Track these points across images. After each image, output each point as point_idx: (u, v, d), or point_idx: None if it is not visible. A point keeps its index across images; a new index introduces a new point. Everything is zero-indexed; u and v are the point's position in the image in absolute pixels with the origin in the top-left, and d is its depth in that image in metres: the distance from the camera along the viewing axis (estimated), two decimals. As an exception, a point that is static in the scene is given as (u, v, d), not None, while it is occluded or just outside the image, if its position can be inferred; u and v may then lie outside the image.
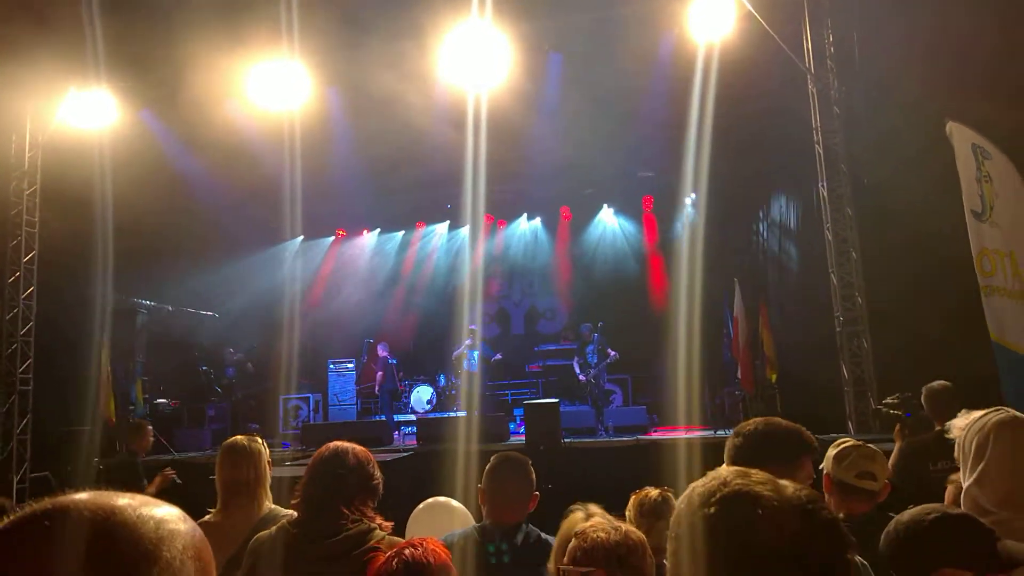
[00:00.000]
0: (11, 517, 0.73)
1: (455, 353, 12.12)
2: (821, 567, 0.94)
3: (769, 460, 1.91)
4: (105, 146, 9.33)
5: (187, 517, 0.81)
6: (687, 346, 9.31)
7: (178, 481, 5.71)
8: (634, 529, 1.86)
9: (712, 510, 0.97)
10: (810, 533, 0.95)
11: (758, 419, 2.30)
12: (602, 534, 1.77)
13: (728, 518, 0.95)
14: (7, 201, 9.86)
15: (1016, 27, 6.95)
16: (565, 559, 1.79)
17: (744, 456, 2.07)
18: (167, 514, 0.78)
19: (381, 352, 13.01)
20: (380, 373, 12.90)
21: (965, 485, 1.91)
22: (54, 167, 10.06)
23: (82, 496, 0.76)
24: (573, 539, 1.81)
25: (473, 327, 12.03)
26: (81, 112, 9.54)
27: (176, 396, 12.61)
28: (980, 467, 1.88)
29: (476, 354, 11.80)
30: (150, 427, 6.83)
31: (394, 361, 13.08)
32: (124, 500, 0.77)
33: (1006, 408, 2.00)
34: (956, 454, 2.09)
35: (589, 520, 1.92)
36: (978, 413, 2.07)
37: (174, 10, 7.51)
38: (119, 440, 10.18)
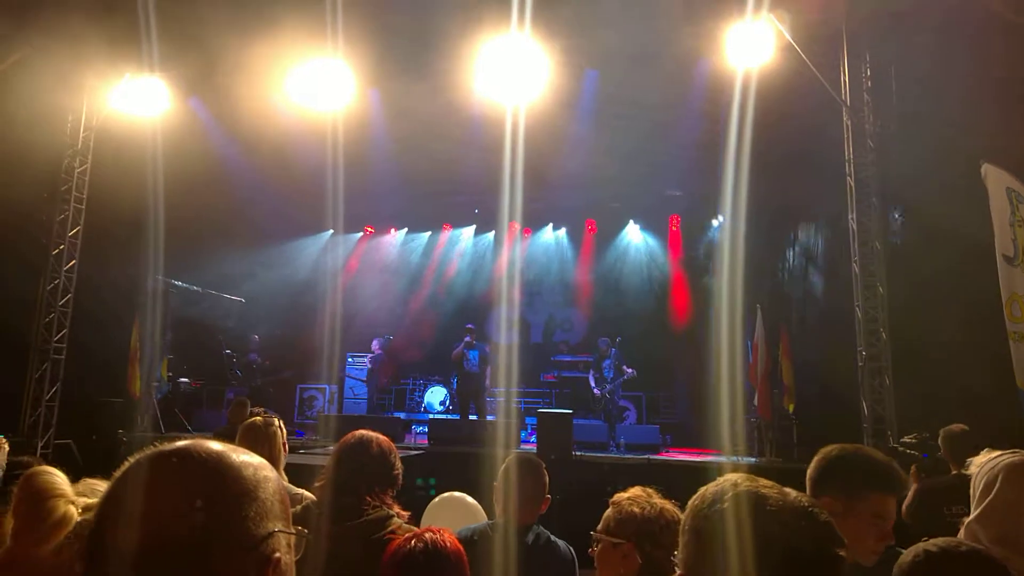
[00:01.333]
0: (140, 454, 0.87)
1: (454, 351, 12.21)
2: (817, 560, 1.06)
3: (828, 487, 2.02)
4: (155, 130, 9.64)
5: (272, 467, 0.94)
6: (706, 369, 9.33)
7: None
8: (671, 508, 1.91)
9: (723, 506, 1.09)
10: (809, 530, 1.07)
11: (842, 445, 2.23)
12: (636, 508, 1.82)
13: (738, 513, 1.07)
14: (58, 177, 10.20)
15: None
16: (600, 526, 1.85)
17: (811, 479, 2.10)
18: (260, 463, 0.91)
19: (375, 347, 13.13)
20: (370, 367, 13.03)
21: (968, 520, 1.97)
22: (105, 148, 10.40)
23: (193, 442, 0.89)
24: (610, 507, 1.86)
25: (470, 326, 12.13)
26: (134, 97, 9.87)
27: (198, 377, 12.85)
28: (984, 504, 1.94)
29: (477, 354, 11.88)
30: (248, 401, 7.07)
31: (379, 355, 13.21)
32: (225, 448, 0.90)
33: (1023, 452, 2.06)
34: (971, 492, 2.14)
35: (629, 491, 1.97)
36: (996, 453, 2.13)
37: (228, 5, 7.74)
38: (140, 414, 10.46)
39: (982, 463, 2.13)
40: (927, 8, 7.74)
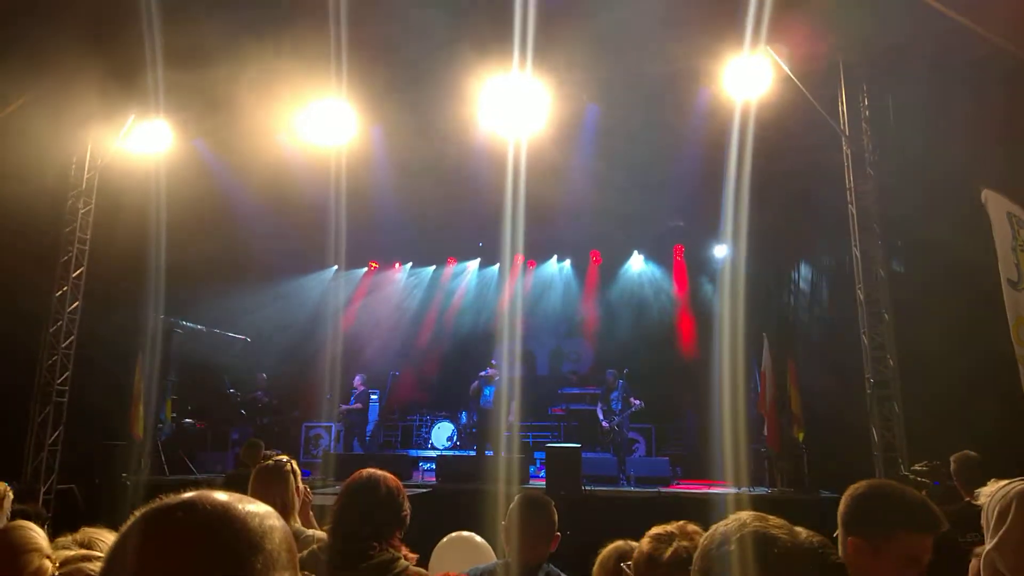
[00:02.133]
0: (145, 509, 0.86)
1: (472, 386, 12.14)
2: None
3: (857, 527, 1.93)
4: (160, 171, 9.75)
5: (279, 515, 0.92)
6: (714, 400, 9.27)
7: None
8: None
9: (731, 547, 1.06)
10: (818, 573, 1.02)
11: (871, 481, 2.10)
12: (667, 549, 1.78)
13: (745, 556, 1.04)
14: (62, 218, 10.28)
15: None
16: (632, 561, 1.82)
17: (841, 519, 2.00)
18: (266, 512, 0.90)
19: (357, 383, 13.02)
20: (355, 403, 12.91)
21: (986, 549, 1.94)
22: (109, 189, 10.49)
23: (197, 494, 0.87)
24: (646, 539, 1.83)
25: (495, 362, 12.07)
26: (139, 138, 10.01)
27: (202, 417, 12.79)
28: (1001, 532, 1.91)
29: (493, 390, 11.80)
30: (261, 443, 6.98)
31: (372, 392, 13.08)
32: (230, 498, 0.88)
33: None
34: (982, 521, 2.11)
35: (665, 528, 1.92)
36: (1005, 481, 2.10)
37: (230, 47, 7.87)
38: (143, 456, 10.37)
39: (992, 492, 2.10)
40: (921, 39, 7.84)
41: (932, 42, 7.74)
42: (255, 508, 0.89)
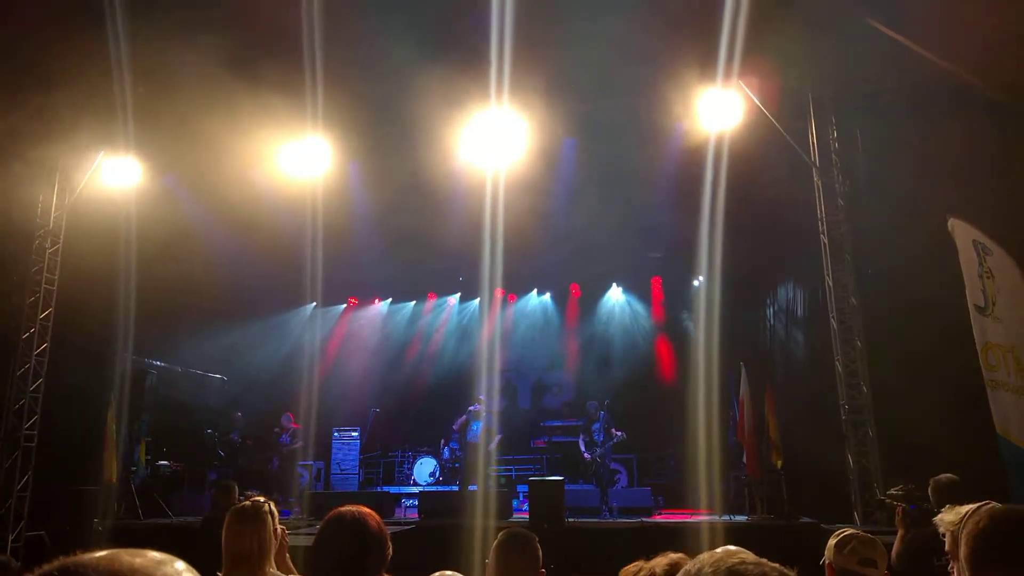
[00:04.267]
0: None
1: (458, 422, 12.05)
2: None
3: (1000, 562, 1.60)
4: (130, 209, 9.64)
5: (176, 562, 0.84)
6: (694, 429, 9.31)
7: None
8: None
9: None
10: None
11: (1010, 506, 1.77)
12: None
13: None
14: (28, 259, 10.09)
15: (1014, 129, 7.26)
16: None
17: (972, 552, 1.64)
18: (157, 563, 0.81)
19: (285, 422, 12.50)
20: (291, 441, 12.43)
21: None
22: (78, 227, 10.30)
23: (101, 555, 0.79)
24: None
25: (482, 396, 12.00)
26: (108, 175, 9.88)
27: (179, 459, 12.52)
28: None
29: (480, 425, 11.71)
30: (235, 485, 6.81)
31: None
32: (140, 560, 0.79)
33: (994, 503, 2.07)
34: (947, 547, 2.14)
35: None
36: (967, 507, 2.14)
37: (203, 83, 7.87)
38: (117, 501, 10.11)
39: (957, 519, 2.12)
40: (889, 73, 8.12)
41: (898, 76, 8.02)
42: (165, 570, 0.80)
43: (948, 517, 2.14)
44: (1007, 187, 7.06)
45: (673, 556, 1.82)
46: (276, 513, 3.09)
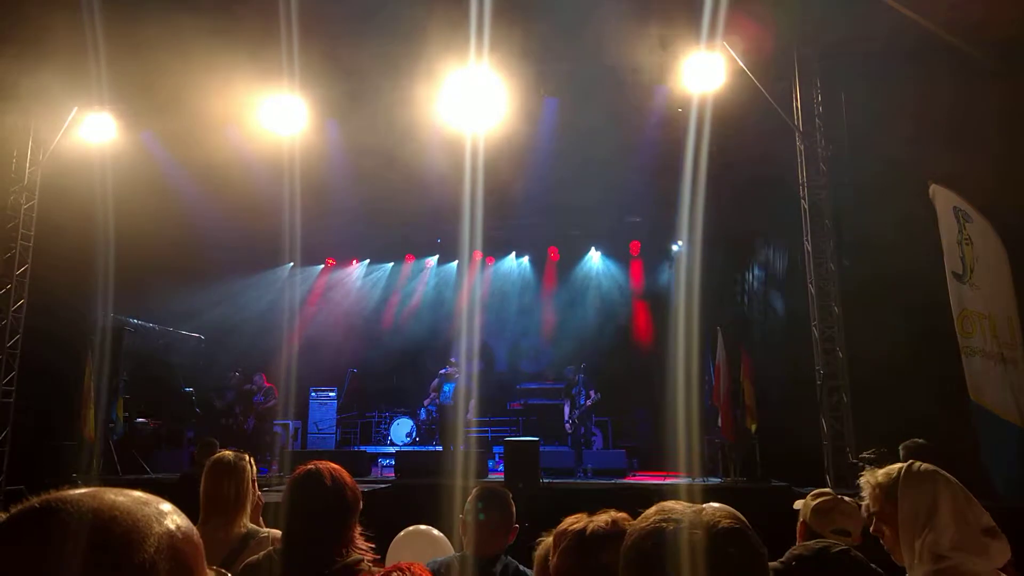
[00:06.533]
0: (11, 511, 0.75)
1: (432, 383, 12.10)
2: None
3: None
4: (105, 165, 9.44)
5: (179, 512, 0.82)
6: (670, 393, 9.39)
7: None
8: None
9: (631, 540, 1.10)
10: (717, 544, 1.04)
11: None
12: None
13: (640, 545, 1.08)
14: (3, 215, 9.94)
15: (999, 94, 7.24)
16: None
17: None
18: (164, 508, 0.80)
19: (258, 381, 12.35)
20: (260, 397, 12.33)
21: (923, 535, 1.94)
22: (53, 184, 10.14)
23: (84, 491, 0.77)
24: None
25: (454, 359, 12.03)
26: (83, 131, 9.68)
27: (157, 416, 12.47)
28: (935, 517, 1.93)
29: (452, 387, 11.73)
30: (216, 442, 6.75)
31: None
32: (123, 498, 0.78)
33: (916, 462, 2.09)
34: (873, 507, 2.14)
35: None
36: (895, 467, 2.14)
37: (178, 37, 7.64)
38: (96, 457, 10.08)
39: (887, 479, 2.13)
40: (873, 35, 8.04)
41: (883, 37, 7.93)
42: (126, 501, 0.77)
43: (869, 479, 2.15)
44: (995, 152, 7.06)
45: (615, 514, 1.82)
46: (254, 468, 3.11)
